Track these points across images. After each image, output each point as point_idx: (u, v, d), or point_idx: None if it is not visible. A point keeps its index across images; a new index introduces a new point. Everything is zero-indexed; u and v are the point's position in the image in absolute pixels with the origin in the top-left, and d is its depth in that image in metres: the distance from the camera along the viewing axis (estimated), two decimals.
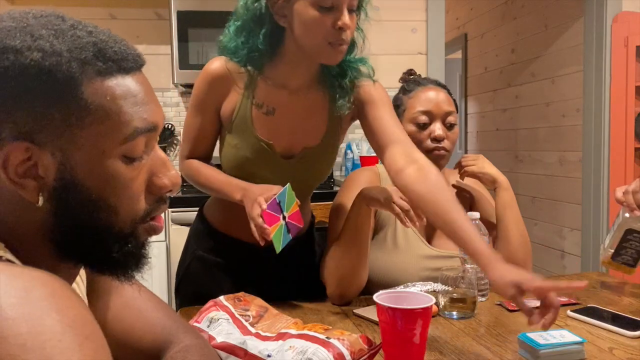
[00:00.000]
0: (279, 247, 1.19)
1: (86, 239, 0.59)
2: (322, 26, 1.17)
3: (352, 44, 1.30)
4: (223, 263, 1.42)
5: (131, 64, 0.58)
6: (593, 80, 3.08)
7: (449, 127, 1.43)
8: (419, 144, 1.41)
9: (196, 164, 1.37)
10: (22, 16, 0.55)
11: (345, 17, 1.18)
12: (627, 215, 1.31)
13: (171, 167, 0.63)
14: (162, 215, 0.66)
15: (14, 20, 0.55)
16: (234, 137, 1.32)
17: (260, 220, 1.16)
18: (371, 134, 1.32)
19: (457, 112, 1.48)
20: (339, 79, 1.32)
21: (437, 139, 1.41)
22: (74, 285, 0.71)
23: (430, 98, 1.43)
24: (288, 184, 1.21)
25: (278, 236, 1.20)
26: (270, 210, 1.17)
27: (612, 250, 1.36)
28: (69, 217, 0.57)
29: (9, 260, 0.53)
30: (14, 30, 0.53)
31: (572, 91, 3.32)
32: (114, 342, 0.79)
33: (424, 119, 1.42)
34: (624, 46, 2.96)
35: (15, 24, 0.54)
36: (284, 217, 1.21)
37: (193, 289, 1.42)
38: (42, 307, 0.45)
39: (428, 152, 1.41)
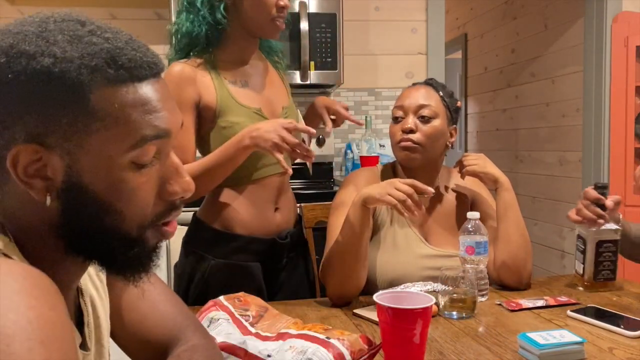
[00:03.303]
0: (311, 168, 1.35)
1: (93, 240, 0.59)
2: (268, 3, 1.37)
3: None
4: (243, 265, 1.42)
5: (145, 72, 0.58)
6: (593, 80, 3.08)
7: (424, 120, 1.42)
8: (393, 137, 1.45)
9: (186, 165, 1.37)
10: (43, 20, 0.57)
11: None
12: (592, 229, 1.36)
13: (184, 174, 0.63)
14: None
15: (34, 25, 0.56)
16: (223, 119, 1.38)
17: (297, 142, 1.27)
18: None
19: (449, 107, 1.46)
20: (272, 54, 1.56)
21: (404, 131, 1.41)
22: (86, 275, 0.71)
23: (407, 93, 1.46)
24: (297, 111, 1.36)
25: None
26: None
27: (592, 273, 1.38)
28: (75, 218, 0.58)
29: (5, 255, 0.54)
30: (32, 35, 0.55)
31: (572, 91, 3.32)
32: (125, 331, 0.80)
33: (399, 113, 1.45)
34: (624, 46, 2.95)
35: (34, 28, 0.55)
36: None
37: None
38: (1, 306, 0.45)
39: (397, 144, 1.43)
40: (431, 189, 1.25)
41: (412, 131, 1.41)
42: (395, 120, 1.45)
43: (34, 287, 0.49)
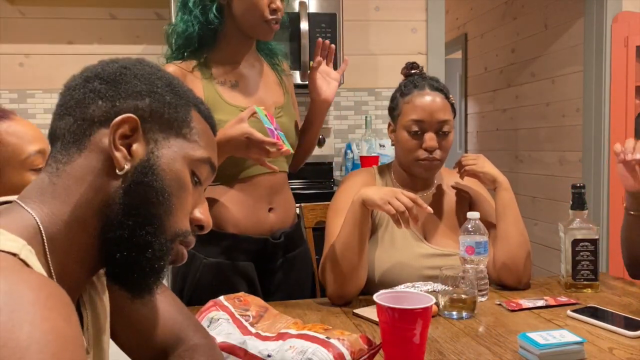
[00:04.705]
0: (289, 146, 1.34)
1: (134, 225, 0.64)
2: (260, 5, 1.38)
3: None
4: (235, 264, 1.42)
5: (215, 126, 0.76)
6: (593, 80, 3.08)
7: (443, 135, 1.41)
8: (410, 151, 1.41)
9: None
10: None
11: (278, 1, 1.41)
12: (572, 225, 1.39)
13: (208, 211, 0.73)
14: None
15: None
16: None
17: (262, 136, 1.27)
18: None
19: (455, 113, 1.47)
20: (272, 56, 1.57)
21: (428, 150, 1.40)
22: (94, 277, 0.72)
23: (424, 106, 1.40)
24: (254, 106, 1.32)
25: (283, 140, 1.33)
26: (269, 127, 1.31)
27: (570, 272, 1.38)
28: (132, 197, 0.64)
29: (21, 260, 0.54)
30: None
31: (572, 91, 3.32)
32: (125, 332, 0.80)
33: (416, 128, 1.40)
34: (624, 46, 2.95)
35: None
36: (275, 129, 1.33)
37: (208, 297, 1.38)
38: (16, 317, 0.46)
39: (419, 161, 1.41)
40: (430, 209, 1.27)
41: (434, 149, 1.40)
42: (413, 134, 1.41)
43: (48, 298, 0.49)
